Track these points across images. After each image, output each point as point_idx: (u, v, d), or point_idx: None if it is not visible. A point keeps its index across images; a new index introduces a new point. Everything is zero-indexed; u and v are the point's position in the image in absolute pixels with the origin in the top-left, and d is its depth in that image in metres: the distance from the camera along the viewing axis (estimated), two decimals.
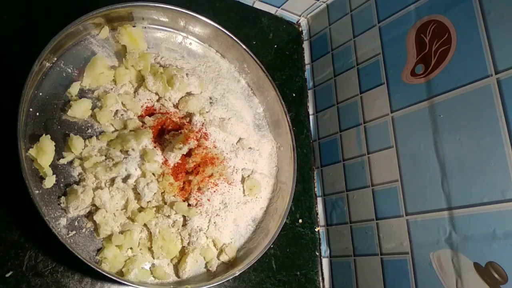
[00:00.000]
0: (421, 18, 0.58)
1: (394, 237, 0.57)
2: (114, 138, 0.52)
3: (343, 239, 0.66)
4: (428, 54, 0.56)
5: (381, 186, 0.60)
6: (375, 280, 0.59)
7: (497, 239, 0.45)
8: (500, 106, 0.46)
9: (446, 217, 0.50)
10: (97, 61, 0.53)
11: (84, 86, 0.53)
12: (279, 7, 0.79)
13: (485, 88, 0.48)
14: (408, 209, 0.55)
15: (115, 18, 0.55)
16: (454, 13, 0.53)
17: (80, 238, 0.48)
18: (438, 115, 0.53)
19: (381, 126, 0.61)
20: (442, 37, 0.54)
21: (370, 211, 0.61)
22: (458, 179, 0.50)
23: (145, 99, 0.57)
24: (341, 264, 0.66)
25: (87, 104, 0.52)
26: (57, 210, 0.48)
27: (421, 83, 0.56)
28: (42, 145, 0.47)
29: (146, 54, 0.57)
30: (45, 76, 0.51)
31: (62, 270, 0.48)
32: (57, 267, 0.48)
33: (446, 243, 0.50)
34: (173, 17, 0.60)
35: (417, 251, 0.54)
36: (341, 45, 0.72)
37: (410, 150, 0.56)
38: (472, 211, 0.48)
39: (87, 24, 0.53)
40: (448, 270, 0.50)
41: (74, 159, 0.50)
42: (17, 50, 0.51)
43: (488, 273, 0.46)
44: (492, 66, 0.47)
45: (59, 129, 0.50)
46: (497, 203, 0.45)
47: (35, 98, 0.49)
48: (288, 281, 0.64)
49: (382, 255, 0.59)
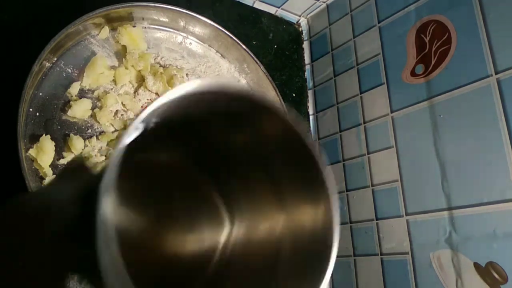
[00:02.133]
0: (421, 18, 0.58)
1: (394, 237, 0.57)
2: (114, 138, 0.52)
3: (343, 239, 0.66)
4: (428, 54, 0.56)
5: (381, 186, 0.60)
6: (375, 280, 0.59)
7: (497, 239, 0.45)
8: (500, 106, 0.46)
9: (446, 217, 0.50)
10: (97, 61, 0.53)
11: (84, 86, 0.53)
12: (279, 7, 0.79)
13: (485, 88, 0.48)
14: (408, 209, 0.55)
15: (115, 18, 0.55)
16: (454, 13, 0.53)
17: None
18: (438, 115, 0.53)
19: (381, 126, 0.61)
20: (442, 37, 0.54)
21: (370, 211, 0.61)
22: (458, 179, 0.50)
23: (145, 99, 0.57)
24: (341, 264, 0.66)
25: (87, 104, 0.52)
26: None
27: (421, 83, 0.56)
28: (42, 145, 0.47)
29: (146, 54, 0.57)
30: (45, 76, 0.51)
31: None
32: None
33: (446, 243, 0.50)
34: (173, 17, 0.60)
35: (417, 251, 0.54)
36: (341, 45, 0.72)
37: (410, 150, 0.56)
38: (472, 211, 0.48)
39: (87, 24, 0.53)
40: (448, 270, 0.50)
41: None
42: (17, 50, 0.51)
43: (488, 273, 0.46)
44: (492, 66, 0.47)
45: (59, 129, 0.50)
46: (497, 203, 0.45)
47: (35, 98, 0.49)
48: None
49: (382, 255, 0.59)
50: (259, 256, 0.19)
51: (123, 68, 0.55)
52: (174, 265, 0.18)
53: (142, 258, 0.17)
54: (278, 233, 0.18)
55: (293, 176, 0.18)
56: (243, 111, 0.17)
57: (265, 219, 0.19)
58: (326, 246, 0.16)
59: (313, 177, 0.16)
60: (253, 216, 0.20)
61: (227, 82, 0.15)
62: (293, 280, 0.16)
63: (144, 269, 0.17)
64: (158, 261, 0.18)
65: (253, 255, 0.20)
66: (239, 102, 0.16)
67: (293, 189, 0.18)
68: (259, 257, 0.19)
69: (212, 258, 0.20)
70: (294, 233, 0.18)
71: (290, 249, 0.18)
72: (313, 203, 0.17)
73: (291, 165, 0.18)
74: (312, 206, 0.17)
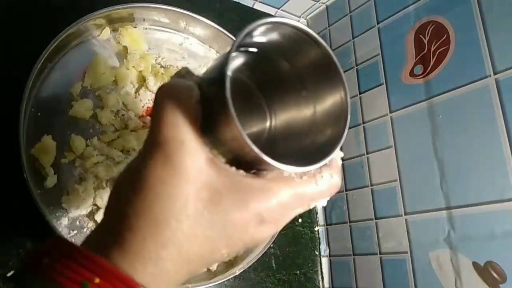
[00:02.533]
0: (420, 19, 0.58)
1: (393, 236, 0.57)
2: (115, 138, 0.53)
3: (343, 238, 0.66)
4: (427, 54, 0.56)
5: (380, 185, 0.60)
6: (374, 279, 0.59)
7: (496, 239, 0.45)
8: (498, 106, 0.46)
9: (445, 216, 0.51)
10: (98, 61, 0.53)
11: (85, 86, 0.53)
12: (279, 8, 0.79)
13: (483, 89, 0.48)
14: (407, 208, 0.55)
15: (116, 19, 0.56)
16: (452, 14, 0.53)
17: (81, 238, 0.48)
18: (437, 115, 0.53)
19: (380, 126, 0.61)
20: (440, 38, 0.55)
21: (369, 210, 0.61)
22: (457, 179, 0.50)
23: (146, 99, 0.57)
24: (340, 263, 0.66)
25: (89, 104, 0.52)
26: (59, 210, 0.48)
27: (420, 84, 0.56)
28: (44, 145, 0.47)
29: (147, 55, 0.57)
30: (46, 77, 0.51)
31: None
32: None
33: (445, 242, 0.50)
34: (174, 18, 0.60)
35: (416, 251, 0.54)
36: (341, 46, 0.72)
37: (409, 150, 0.57)
38: (471, 210, 0.48)
39: (88, 25, 0.53)
40: (447, 269, 0.50)
41: (76, 159, 0.50)
42: (19, 51, 0.52)
43: (487, 272, 0.46)
44: (491, 66, 0.48)
45: (60, 129, 0.51)
46: (495, 202, 0.46)
47: (37, 98, 0.50)
48: (288, 280, 0.64)
49: (381, 254, 0.59)
50: (295, 128, 0.28)
51: (124, 69, 0.56)
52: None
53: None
54: (308, 114, 0.28)
55: (318, 78, 0.27)
56: (295, 39, 0.25)
57: (297, 109, 0.28)
58: (343, 110, 0.25)
59: (332, 74, 0.26)
60: (287, 109, 0.29)
61: (289, 20, 0.24)
62: (323, 134, 0.26)
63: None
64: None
65: (291, 128, 0.29)
66: (296, 32, 0.25)
67: (316, 84, 0.27)
68: (295, 128, 0.28)
69: (261, 138, 0.29)
70: (320, 112, 0.27)
71: (318, 119, 0.27)
72: (332, 89, 0.26)
73: (319, 75, 0.27)
74: (332, 92, 0.26)
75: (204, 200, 0.22)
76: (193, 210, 0.22)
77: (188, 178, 0.22)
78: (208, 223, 0.22)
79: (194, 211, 0.22)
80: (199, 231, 0.22)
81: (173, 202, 0.21)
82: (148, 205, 0.22)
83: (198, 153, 0.22)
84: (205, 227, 0.22)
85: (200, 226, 0.22)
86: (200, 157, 0.22)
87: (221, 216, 0.22)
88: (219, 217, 0.22)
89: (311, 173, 0.24)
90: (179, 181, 0.22)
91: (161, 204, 0.21)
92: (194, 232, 0.22)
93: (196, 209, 0.22)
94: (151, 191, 0.22)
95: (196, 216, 0.22)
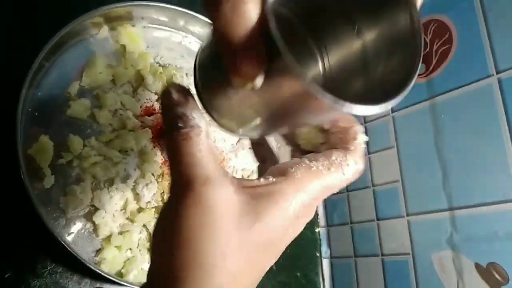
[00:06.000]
0: (422, 17, 0.58)
1: (395, 237, 0.57)
2: (113, 138, 0.52)
3: (344, 239, 0.66)
4: (429, 54, 0.56)
5: (382, 186, 0.60)
6: (376, 280, 0.59)
7: (499, 240, 0.45)
8: (501, 105, 0.46)
9: (447, 217, 0.50)
10: (96, 60, 0.53)
11: (83, 85, 0.53)
12: None
13: (486, 88, 0.48)
14: (409, 209, 0.55)
15: (114, 17, 0.55)
16: (455, 13, 0.53)
17: (79, 239, 0.48)
18: (439, 115, 0.53)
19: (382, 126, 0.61)
20: (443, 37, 0.54)
21: (371, 211, 0.61)
22: (460, 180, 0.50)
23: (145, 99, 0.57)
24: (341, 264, 0.66)
25: (86, 104, 0.51)
26: (56, 211, 0.48)
27: (422, 83, 0.56)
28: (41, 146, 0.47)
29: (145, 54, 0.56)
30: (44, 76, 0.50)
31: (61, 271, 0.48)
32: (56, 267, 0.48)
33: (447, 243, 0.50)
34: (173, 16, 0.60)
35: (418, 252, 0.54)
36: None
37: (411, 150, 0.56)
38: (474, 211, 0.48)
39: (86, 23, 0.52)
40: (449, 270, 0.50)
41: (73, 159, 0.50)
42: (16, 50, 0.51)
43: (489, 274, 0.45)
44: (494, 65, 0.47)
45: (58, 129, 0.50)
46: (498, 203, 0.45)
47: (34, 98, 0.49)
48: (289, 282, 0.64)
49: (383, 255, 0.58)
50: (350, 65, 0.26)
51: (122, 68, 0.55)
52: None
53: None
54: (364, 47, 0.25)
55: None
56: None
57: (347, 48, 0.26)
58: (413, 31, 0.22)
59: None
60: (340, 45, 0.26)
61: None
62: (387, 67, 0.23)
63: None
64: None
65: (345, 65, 0.26)
66: None
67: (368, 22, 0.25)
68: (350, 65, 0.26)
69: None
70: (380, 41, 0.24)
71: (378, 50, 0.24)
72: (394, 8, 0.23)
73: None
74: (394, 12, 0.23)
75: (244, 228, 0.22)
76: (237, 242, 0.21)
77: (222, 212, 0.21)
78: (254, 247, 0.22)
79: (238, 243, 0.21)
80: (248, 259, 0.22)
81: (216, 242, 0.21)
82: (193, 255, 0.21)
83: (224, 182, 0.22)
84: (253, 251, 0.22)
85: (248, 253, 0.22)
86: (227, 186, 0.22)
87: (264, 235, 0.22)
88: (262, 237, 0.22)
89: (337, 163, 0.25)
90: (214, 220, 0.21)
91: (205, 249, 0.21)
92: (243, 262, 0.22)
93: (240, 240, 0.22)
94: (191, 241, 0.21)
95: (242, 247, 0.22)
